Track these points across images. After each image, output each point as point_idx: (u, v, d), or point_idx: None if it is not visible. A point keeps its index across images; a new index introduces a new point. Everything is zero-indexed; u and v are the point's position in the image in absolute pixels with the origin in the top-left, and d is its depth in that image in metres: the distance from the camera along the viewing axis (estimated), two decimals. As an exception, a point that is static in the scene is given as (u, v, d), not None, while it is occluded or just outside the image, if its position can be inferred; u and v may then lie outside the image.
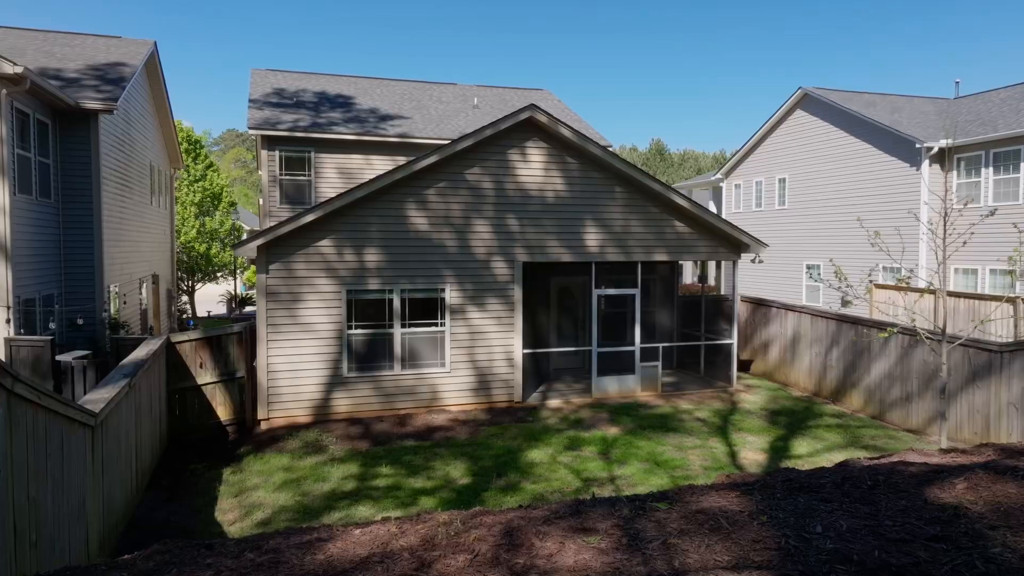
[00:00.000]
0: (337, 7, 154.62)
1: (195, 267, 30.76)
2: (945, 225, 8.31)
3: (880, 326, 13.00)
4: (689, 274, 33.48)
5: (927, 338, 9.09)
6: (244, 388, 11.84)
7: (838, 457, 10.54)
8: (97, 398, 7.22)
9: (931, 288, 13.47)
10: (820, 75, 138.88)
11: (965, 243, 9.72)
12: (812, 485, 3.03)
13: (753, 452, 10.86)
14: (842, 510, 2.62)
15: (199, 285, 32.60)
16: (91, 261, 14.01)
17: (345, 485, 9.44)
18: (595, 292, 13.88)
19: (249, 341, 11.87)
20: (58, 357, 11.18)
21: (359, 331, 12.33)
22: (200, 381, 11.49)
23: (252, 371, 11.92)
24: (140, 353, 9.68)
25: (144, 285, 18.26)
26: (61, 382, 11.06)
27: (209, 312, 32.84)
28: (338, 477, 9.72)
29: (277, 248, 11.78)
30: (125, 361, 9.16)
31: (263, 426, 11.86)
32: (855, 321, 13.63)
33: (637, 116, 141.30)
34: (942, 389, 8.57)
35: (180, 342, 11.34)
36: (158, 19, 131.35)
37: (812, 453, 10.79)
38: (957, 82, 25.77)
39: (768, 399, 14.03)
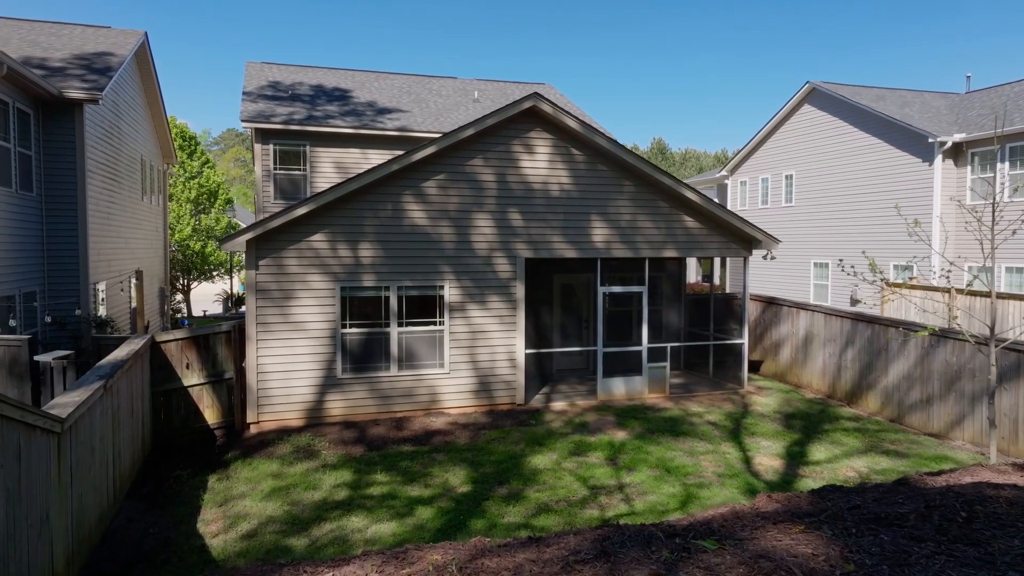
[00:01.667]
0: (337, 7, 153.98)
1: (191, 265, 30.18)
2: (994, 217, 7.71)
3: (898, 325, 12.45)
4: (693, 273, 32.92)
5: (976, 343, 8.50)
6: (233, 390, 11.27)
7: (859, 463, 9.99)
8: (66, 402, 6.66)
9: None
10: (822, 74, 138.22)
11: (1015, 232, 9.06)
12: (891, 516, 2.45)
13: (768, 458, 10.29)
14: (945, 554, 2.05)
15: (195, 284, 32.04)
16: (75, 257, 13.44)
17: (337, 493, 8.88)
18: (600, 290, 13.31)
19: (238, 340, 11.31)
20: (36, 357, 10.62)
21: (354, 330, 11.77)
22: (187, 382, 10.93)
23: (241, 372, 11.35)
24: (120, 353, 9.12)
25: (131, 282, 17.69)
26: (40, 383, 10.51)
27: (205, 311, 32.26)
28: (330, 485, 9.17)
29: (267, 243, 11.22)
30: (102, 362, 8.60)
31: (252, 430, 11.30)
32: (872, 320, 13.07)
33: (638, 116, 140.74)
34: (991, 395, 7.96)
35: (165, 341, 10.78)
36: (158, 17, 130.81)
37: (831, 459, 10.22)
38: (968, 76, 25.22)
39: (781, 401, 13.46)
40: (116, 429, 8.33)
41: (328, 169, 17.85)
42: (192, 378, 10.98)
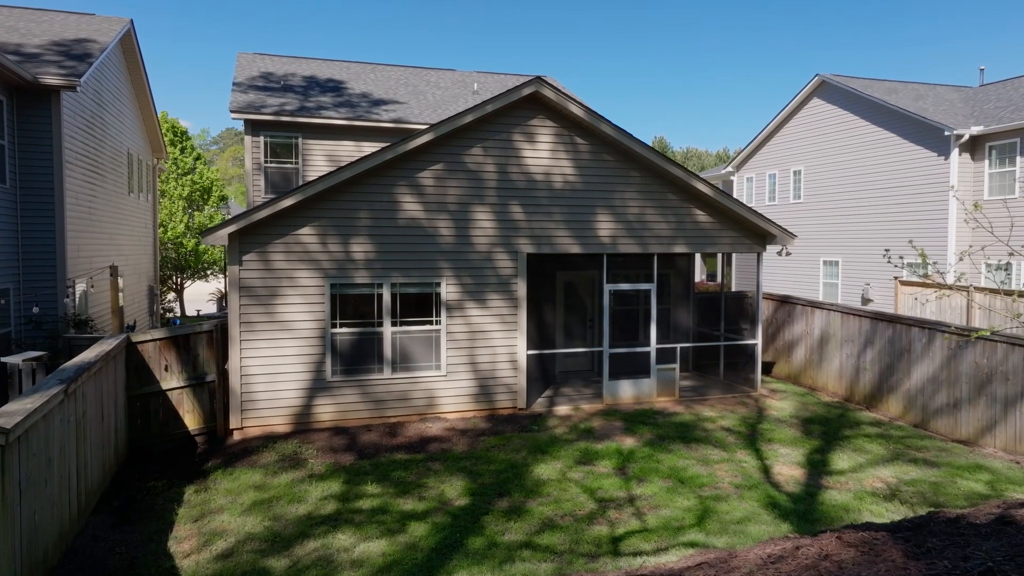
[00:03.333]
0: (335, 7, 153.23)
1: (184, 264, 29.45)
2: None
3: (922, 325, 11.74)
4: (697, 271, 32.15)
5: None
6: (215, 393, 10.57)
7: (886, 473, 9.29)
8: (14, 409, 5.95)
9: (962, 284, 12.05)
10: (825, 71, 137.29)
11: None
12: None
13: (788, 467, 9.59)
14: None
15: (188, 283, 31.33)
16: (52, 253, 12.73)
17: (324, 507, 8.18)
18: (606, 287, 12.60)
19: (221, 341, 10.60)
20: (4, 359, 9.92)
21: (344, 330, 11.06)
22: (165, 386, 10.23)
23: (224, 374, 10.64)
24: (88, 355, 8.41)
25: (106, 279, 16.94)
26: (7, 386, 9.81)
27: (199, 311, 31.55)
28: (317, 497, 8.46)
29: (252, 236, 10.51)
30: (67, 364, 7.90)
31: (236, 436, 10.58)
32: (893, 319, 12.36)
33: (639, 114, 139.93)
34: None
35: (142, 342, 10.07)
36: (155, 14, 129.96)
37: (856, 468, 9.52)
38: (982, 69, 24.52)
39: (797, 405, 12.75)
40: (81, 438, 7.62)
41: (321, 162, 17.15)
42: (171, 381, 10.27)
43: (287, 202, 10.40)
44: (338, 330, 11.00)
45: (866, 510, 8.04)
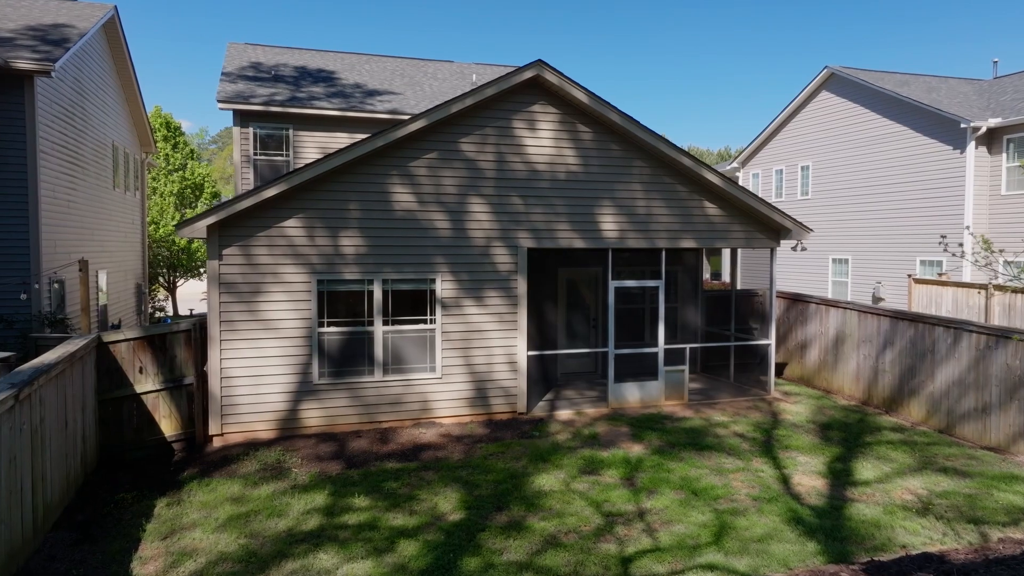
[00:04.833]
0: (329, 7, 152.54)
1: (176, 262, 28.76)
2: None
3: (947, 324, 11.05)
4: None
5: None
6: (194, 397, 9.87)
7: (915, 483, 8.60)
8: (-53, 419, 5.26)
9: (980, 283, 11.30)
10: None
11: None
12: None
13: (808, 477, 8.90)
14: None
15: (181, 281, 30.65)
16: (25, 247, 12.06)
17: (307, 522, 7.49)
18: (611, 284, 11.90)
19: (200, 341, 9.91)
20: (-35, 360, 9.24)
21: (332, 329, 10.36)
22: (139, 389, 9.53)
23: (203, 377, 9.95)
24: (49, 356, 7.71)
25: (81, 273, 16.24)
26: (-31, 390, 9.11)
27: (192, 310, 30.79)
28: (299, 511, 7.77)
29: (233, 228, 9.81)
30: (22, 367, 7.20)
31: (216, 443, 9.89)
32: (915, 319, 11.66)
33: (639, 113, 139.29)
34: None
35: (114, 342, 9.37)
36: (154, 12, 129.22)
37: (881, 478, 8.82)
38: (995, 61, 23.83)
39: (813, 409, 12.06)
40: (38, 447, 6.93)
41: (313, 155, 16.46)
42: (146, 384, 9.57)
43: (271, 192, 9.71)
44: (326, 329, 10.31)
45: (899, 526, 7.36)
